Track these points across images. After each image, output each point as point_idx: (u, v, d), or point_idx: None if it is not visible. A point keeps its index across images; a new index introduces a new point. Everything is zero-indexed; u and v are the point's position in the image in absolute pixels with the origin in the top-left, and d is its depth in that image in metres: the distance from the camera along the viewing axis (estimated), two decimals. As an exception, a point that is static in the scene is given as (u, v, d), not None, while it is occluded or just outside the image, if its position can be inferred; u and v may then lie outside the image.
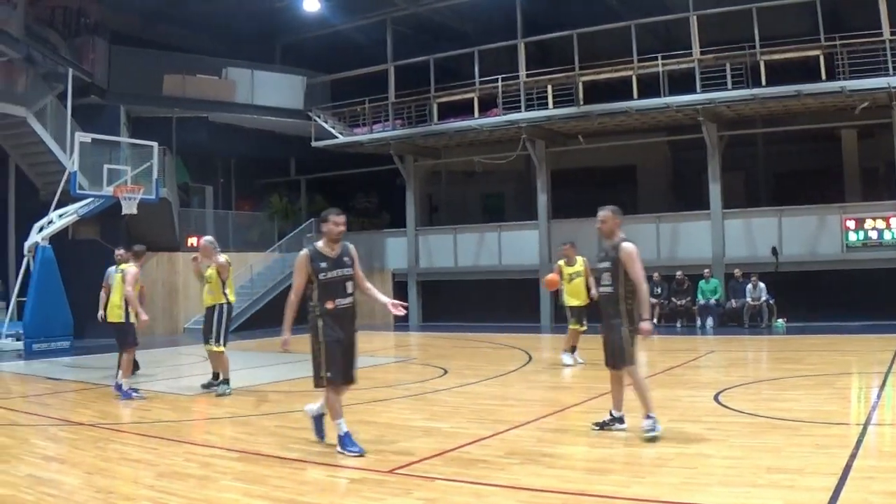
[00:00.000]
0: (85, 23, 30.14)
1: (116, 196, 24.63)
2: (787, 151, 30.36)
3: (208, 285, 14.42)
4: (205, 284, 14.54)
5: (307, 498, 7.40)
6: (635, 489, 7.30)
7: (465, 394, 13.82)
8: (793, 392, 12.67)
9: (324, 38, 34.49)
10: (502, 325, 28.83)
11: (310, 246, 9.54)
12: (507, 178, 36.31)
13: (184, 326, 31.05)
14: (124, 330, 14.24)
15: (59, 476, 8.33)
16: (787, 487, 7.15)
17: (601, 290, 9.91)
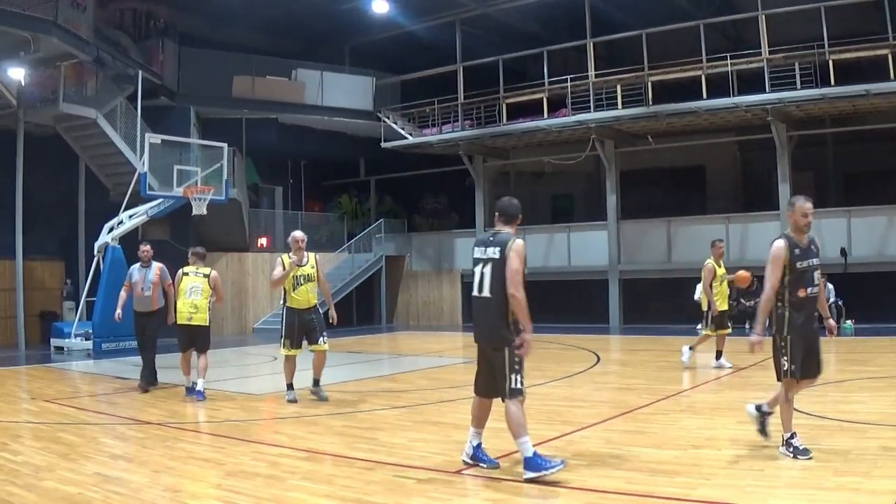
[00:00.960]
0: (154, 25, 30.49)
1: (186, 197, 24.83)
2: (857, 151, 29.94)
3: (311, 284, 13.55)
4: (307, 283, 13.47)
5: (374, 498, 7.42)
6: (702, 491, 7.25)
7: (532, 395, 13.70)
8: (860, 394, 12.52)
9: (392, 39, 34.59)
10: (570, 326, 28.73)
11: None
12: (576, 179, 36.19)
13: (253, 326, 31.29)
14: (208, 333, 14.37)
15: (126, 475, 8.42)
16: (852, 490, 7.07)
17: (812, 291, 8.61)
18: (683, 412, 11.49)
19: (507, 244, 8.09)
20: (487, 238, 8.37)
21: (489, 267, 8.17)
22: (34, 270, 27.87)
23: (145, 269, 15.41)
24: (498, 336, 8.13)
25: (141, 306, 15.35)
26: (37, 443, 10.16)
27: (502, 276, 8.04)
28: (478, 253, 8.33)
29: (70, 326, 23.98)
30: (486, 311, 8.26)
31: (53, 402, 13.76)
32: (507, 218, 8.41)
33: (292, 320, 13.22)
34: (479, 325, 8.44)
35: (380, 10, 31.45)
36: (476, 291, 8.33)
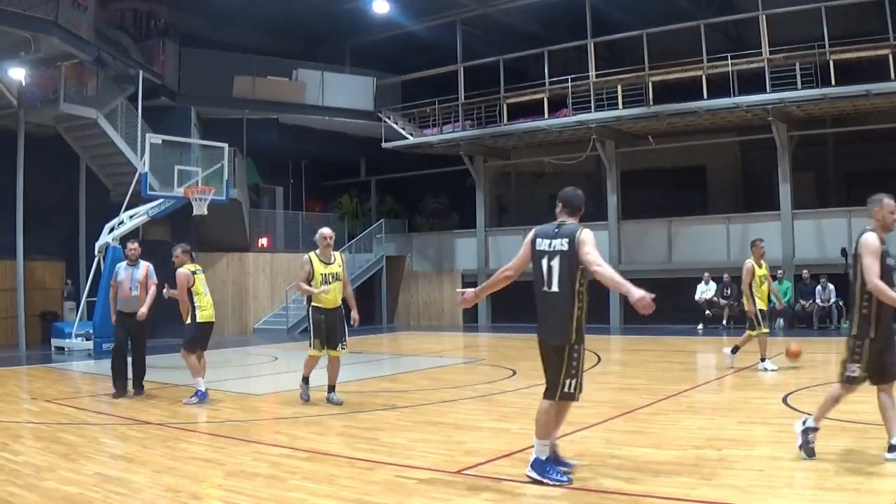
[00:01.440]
0: (155, 25, 30.52)
1: (187, 197, 24.86)
2: (858, 151, 29.93)
3: (338, 283, 12.90)
4: (335, 282, 12.84)
5: (374, 498, 7.42)
6: (702, 491, 7.25)
7: (533, 395, 13.75)
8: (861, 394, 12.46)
9: (393, 39, 34.61)
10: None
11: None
12: (577, 179, 36.04)
13: (253, 327, 31.31)
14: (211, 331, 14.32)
15: (126, 475, 8.40)
16: (853, 490, 7.07)
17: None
18: (684, 412, 11.49)
19: (575, 234, 7.81)
20: (552, 230, 8.02)
21: (557, 260, 7.87)
22: (35, 270, 27.89)
23: (132, 268, 14.84)
24: (562, 333, 7.86)
25: (127, 306, 14.61)
26: (37, 443, 10.16)
27: (571, 269, 7.78)
28: (542, 245, 7.99)
29: (71, 326, 23.98)
30: (552, 306, 7.95)
31: (54, 402, 13.76)
32: (571, 209, 8.14)
33: (319, 319, 12.78)
34: (544, 320, 8.09)
35: (380, 10, 31.46)
36: (543, 286, 8.01)
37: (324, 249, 12.82)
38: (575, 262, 7.71)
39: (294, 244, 34.78)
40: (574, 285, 7.77)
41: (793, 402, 11.78)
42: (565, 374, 7.80)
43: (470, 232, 34.86)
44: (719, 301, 27.15)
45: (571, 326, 7.79)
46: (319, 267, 12.68)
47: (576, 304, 7.79)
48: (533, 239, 8.09)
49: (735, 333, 25.13)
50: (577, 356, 7.82)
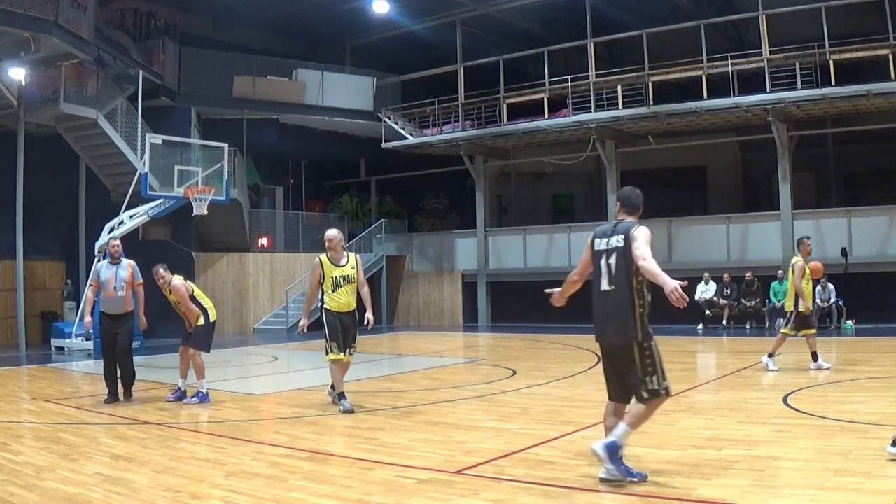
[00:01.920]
0: (155, 25, 30.51)
1: (187, 197, 24.90)
2: (858, 151, 29.97)
3: (351, 286, 12.37)
4: (347, 284, 12.33)
5: (375, 498, 7.41)
6: (702, 491, 7.25)
7: (533, 395, 13.80)
8: (861, 394, 12.52)
9: (393, 40, 34.64)
10: (571, 327, 28.70)
11: None
12: (577, 179, 36.22)
13: (253, 326, 31.32)
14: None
15: (127, 475, 8.40)
16: (853, 490, 7.06)
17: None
18: (684, 412, 11.49)
19: (630, 230, 7.73)
20: (609, 229, 7.97)
21: (614, 258, 7.78)
22: (35, 270, 27.89)
23: (115, 267, 13.87)
24: (622, 331, 7.71)
25: (112, 308, 13.79)
26: (37, 443, 10.16)
27: (627, 266, 7.67)
28: (600, 245, 7.93)
29: (71, 326, 23.98)
30: (612, 306, 7.81)
31: (54, 402, 13.77)
32: (630, 208, 8.09)
33: (334, 322, 12.26)
34: (602, 321, 7.92)
35: (380, 11, 31.43)
36: (602, 285, 7.90)
37: (331, 251, 12.41)
38: (631, 259, 7.64)
39: (294, 244, 34.79)
40: (631, 282, 7.69)
41: (793, 402, 11.78)
42: (643, 372, 7.67)
43: (470, 232, 34.85)
44: (719, 301, 27.15)
45: (635, 324, 7.68)
46: (330, 269, 12.27)
47: (636, 301, 7.70)
48: (592, 240, 8.08)
49: (735, 333, 25.18)
50: (650, 352, 7.69)
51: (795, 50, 26.07)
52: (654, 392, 7.66)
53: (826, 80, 25.16)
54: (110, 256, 14.15)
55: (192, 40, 31.79)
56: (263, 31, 34.42)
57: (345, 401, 12.14)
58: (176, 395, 13.67)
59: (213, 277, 30.85)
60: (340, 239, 12.48)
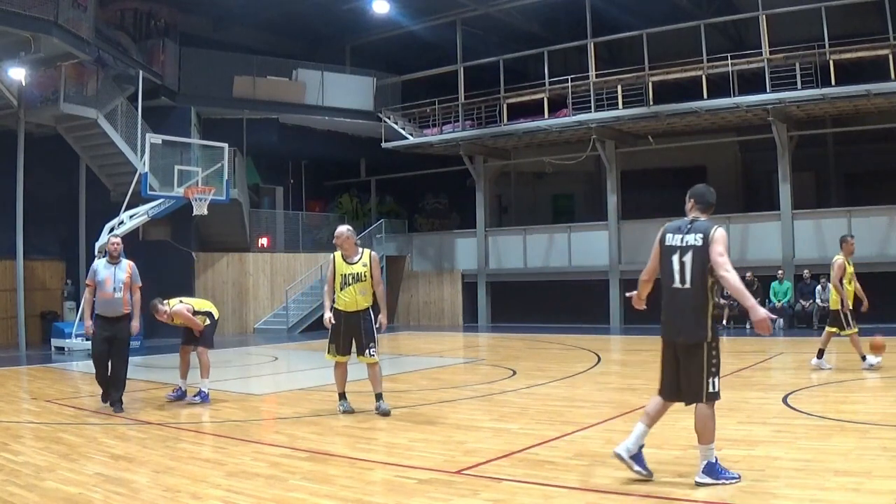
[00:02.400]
0: (155, 25, 30.52)
1: (187, 197, 24.93)
2: (858, 151, 29.96)
3: (360, 284, 11.87)
4: (355, 283, 11.83)
5: (374, 498, 7.43)
6: (703, 491, 7.24)
7: (533, 395, 13.79)
8: (861, 394, 12.52)
9: (393, 40, 34.63)
10: (571, 327, 28.76)
11: None
12: (577, 179, 36.22)
13: (254, 326, 31.32)
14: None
15: (127, 475, 8.41)
16: (853, 490, 7.06)
17: None
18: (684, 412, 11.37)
19: (709, 231, 7.63)
20: (684, 225, 7.86)
21: (689, 255, 7.68)
22: (35, 271, 27.89)
23: (113, 267, 12.98)
24: (697, 331, 7.65)
25: (108, 310, 12.87)
26: (37, 443, 10.16)
27: (704, 266, 7.61)
28: (673, 240, 7.83)
29: (71, 326, 23.98)
30: (684, 304, 7.73)
31: (54, 402, 13.77)
32: (703, 205, 7.96)
33: (338, 322, 11.88)
34: (674, 318, 7.83)
35: (380, 11, 31.41)
36: (675, 282, 7.81)
37: (343, 249, 12.00)
38: (708, 259, 7.58)
39: (294, 244, 34.81)
40: (707, 281, 7.66)
41: (793, 402, 11.78)
42: (707, 373, 7.60)
43: (470, 232, 34.85)
44: (719, 301, 26.96)
45: (707, 323, 7.65)
46: (340, 267, 11.90)
47: (710, 301, 7.69)
48: (662, 235, 7.97)
49: (735, 333, 25.15)
50: (716, 353, 7.66)
51: (795, 50, 26.06)
52: (713, 395, 7.61)
53: (826, 80, 25.15)
54: (109, 255, 13.17)
55: (192, 40, 31.79)
56: (263, 31, 34.42)
57: (344, 402, 12.07)
58: (176, 395, 13.66)
59: (213, 277, 30.86)
60: (348, 236, 12.01)
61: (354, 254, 11.95)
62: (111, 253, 13.15)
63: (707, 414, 7.57)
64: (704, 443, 7.55)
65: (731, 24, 30.39)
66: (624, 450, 7.79)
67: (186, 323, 13.54)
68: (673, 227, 7.94)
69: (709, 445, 7.53)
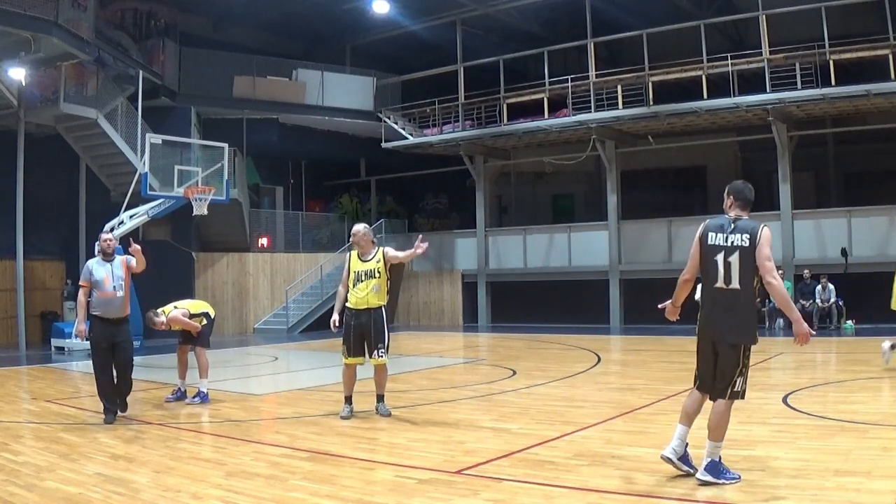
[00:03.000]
0: (155, 25, 30.53)
1: (187, 197, 24.93)
2: (858, 151, 29.95)
3: (373, 281, 11.70)
4: (367, 279, 11.68)
5: (375, 498, 7.42)
6: (703, 491, 7.24)
7: (533, 395, 13.79)
8: (861, 394, 12.52)
9: (393, 40, 34.63)
10: (571, 327, 28.76)
11: None
12: (577, 179, 36.21)
13: (254, 326, 31.32)
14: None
15: (127, 475, 8.42)
16: (853, 490, 7.07)
17: None
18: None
19: (756, 231, 7.54)
20: (726, 224, 7.72)
21: (736, 256, 7.54)
22: (35, 271, 27.89)
23: (109, 264, 11.95)
24: (742, 331, 7.57)
25: (110, 311, 11.77)
26: (37, 443, 10.16)
27: (752, 267, 7.50)
28: (716, 239, 7.69)
29: (70, 326, 23.87)
30: (732, 304, 7.58)
31: (54, 402, 13.77)
32: (743, 202, 7.82)
33: (349, 321, 11.74)
34: (720, 319, 7.67)
35: (380, 11, 31.40)
36: (720, 282, 7.64)
37: (357, 247, 11.91)
38: (755, 260, 7.50)
39: (294, 244, 34.81)
40: (754, 282, 7.58)
41: (793, 402, 11.78)
42: (738, 373, 7.59)
43: (470, 232, 34.84)
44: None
45: (753, 325, 7.62)
46: (355, 264, 11.78)
47: (755, 302, 7.64)
48: (703, 234, 7.83)
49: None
50: (749, 355, 7.64)
51: (795, 50, 26.06)
52: (736, 394, 7.64)
53: (826, 80, 25.15)
54: (102, 252, 12.09)
55: (192, 40, 31.79)
56: (263, 31, 34.44)
57: (346, 407, 11.89)
58: (176, 396, 13.66)
59: (213, 277, 30.85)
60: (365, 233, 11.91)
61: (370, 252, 11.85)
62: (105, 250, 12.07)
63: (724, 411, 7.60)
64: (714, 439, 7.56)
65: (731, 24, 30.40)
66: (671, 452, 7.77)
67: (185, 327, 13.56)
68: (714, 225, 7.81)
69: (717, 443, 7.54)
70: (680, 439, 7.81)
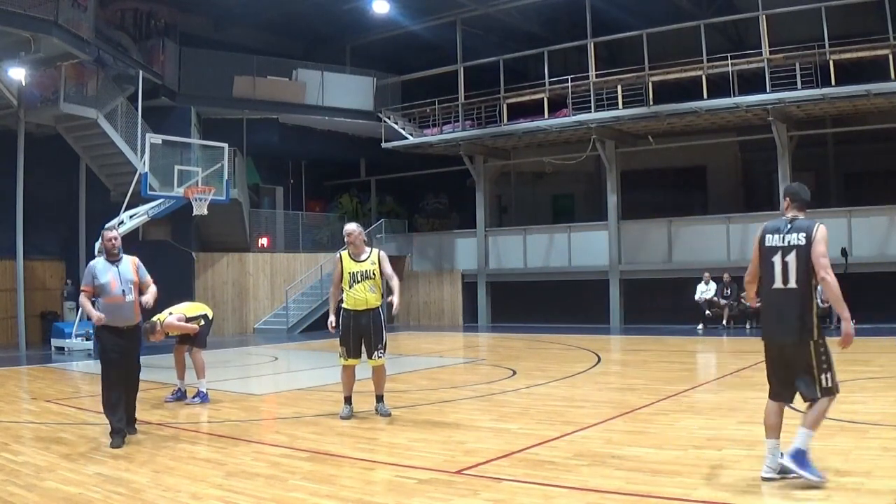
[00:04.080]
0: (155, 25, 30.53)
1: (187, 197, 24.93)
2: (857, 152, 29.93)
3: (370, 282, 11.63)
4: (365, 280, 11.58)
5: (374, 498, 7.43)
6: (702, 491, 7.25)
7: (533, 395, 13.79)
8: (861, 394, 12.50)
9: (393, 40, 34.62)
10: (571, 327, 28.75)
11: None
12: (577, 179, 36.20)
13: (254, 326, 31.31)
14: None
15: (127, 475, 8.42)
16: (853, 490, 7.07)
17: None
18: (684, 412, 11.48)
19: (812, 229, 7.67)
20: (783, 225, 7.80)
21: (793, 255, 7.62)
22: (35, 271, 27.89)
23: (115, 266, 10.63)
24: (802, 330, 7.52)
25: (119, 318, 10.45)
26: (37, 443, 10.16)
27: (808, 265, 7.56)
28: (773, 241, 7.76)
29: (70, 327, 23.96)
30: (790, 304, 7.58)
31: (54, 402, 13.77)
32: (800, 203, 7.94)
33: (347, 323, 11.68)
34: (779, 319, 7.66)
35: (380, 11, 31.39)
36: (778, 283, 7.68)
37: (351, 247, 11.76)
38: (810, 257, 7.56)
39: (294, 244, 34.81)
40: (811, 280, 7.59)
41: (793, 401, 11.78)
42: (818, 369, 7.50)
43: (470, 232, 34.84)
44: (719, 301, 27.09)
45: (813, 322, 7.55)
46: (348, 265, 11.65)
47: (814, 299, 7.60)
48: (762, 236, 7.88)
49: (735, 333, 25.18)
50: (825, 349, 7.55)
51: (795, 50, 26.03)
52: (828, 390, 7.52)
53: (826, 80, 25.13)
54: (107, 252, 10.71)
55: (192, 40, 31.79)
56: (263, 31, 34.44)
57: (346, 407, 11.84)
58: (176, 396, 13.67)
59: (213, 277, 30.85)
60: (359, 233, 11.83)
61: (363, 252, 11.78)
62: (109, 250, 10.67)
63: (825, 409, 7.53)
64: (808, 426, 7.49)
65: (731, 24, 30.39)
66: (769, 471, 7.63)
67: (183, 331, 13.57)
68: (772, 227, 7.86)
69: (810, 431, 7.46)
70: (772, 454, 7.66)
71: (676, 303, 27.93)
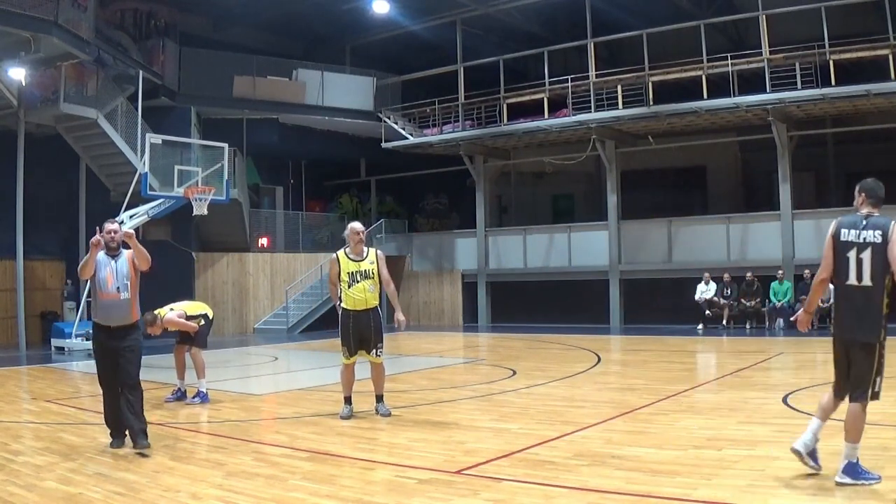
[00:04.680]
0: (155, 25, 30.53)
1: (187, 197, 24.91)
2: (858, 151, 29.88)
3: (369, 281, 11.70)
4: (364, 280, 11.64)
5: (374, 498, 7.42)
6: (702, 491, 7.25)
7: (533, 395, 13.78)
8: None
9: (393, 40, 34.61)
10: (571, 327, 28.74)
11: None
12: (577, 179, 36.19)
13: (254, 326, 31.30)
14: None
15: (127, 474, 8.41)
16: (853, 490, 7.07)
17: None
18: (684, 412, 11.48)
19: (888, 227, 7.42)
20: (859, 221, 7.65)
21: (868, 252, 7.47)
22: (35, 270, 27.88)
23: (113, 261, 10.06)
24: (874, 329, 7.47)
25: (112, 317, 9.89)
26: (37, 443, 10.16)
27: (884, 263, 7.38)
28: (848, 236, 7.63)
29: (70, 326, 23.97)
30: (864, 302, 7.54)
31: (54, 402, 13.77)
32: (874, 199, 7.79)
33: (347, 322, 11.69)
34: (852, 317, 7.67)
35: (380, 11, 31.39)
36: (852, 279, 7.63)
37: (354, 246, 11.72)
38: (885, 255, 7.41)
39: (294, 244, 34.81)
40: (885, 279, 7.47)
41: (793, 402, 11.77)
42: (876, 372, 7.50)
43: (470, 232, 34.83)
44: (719, 301, 27.08)
45: (882, 323, 7.49)
46: (346, 265, 11.60)
47: (885, 299, 7.51)
48: (836, 231, 7.78)
49: (735, 334, 25.17)
50: (884, 352, 7.53)
51: (795, 50, 26.03)
52: (876, 394, 7.54)
53: (826, 80, 25.13)
54: (106, 247, 10.10)
55: (192, 40, 31.79)
56: (263, 31, 34.44)
57: (346, 407, 11.81)
58: (176, 396, 13.67)
59: (213, 277, 30.85)
60: (359, 232, 11.81)
61: (362, 251, 11.77)
62: (108, 243, 10.09)
63: (861, 413, 7.50)
64: (851, 440, 7.45)
65: (731, 24, 30.39)
66: (802, 445, 7.69)
67: (182, 328, 13.57)
68: (848, 221, 7.75)
69: (855, 444, 7.42)
70: (812, 433, 7.72)
71: (676, 303, 27.93)
